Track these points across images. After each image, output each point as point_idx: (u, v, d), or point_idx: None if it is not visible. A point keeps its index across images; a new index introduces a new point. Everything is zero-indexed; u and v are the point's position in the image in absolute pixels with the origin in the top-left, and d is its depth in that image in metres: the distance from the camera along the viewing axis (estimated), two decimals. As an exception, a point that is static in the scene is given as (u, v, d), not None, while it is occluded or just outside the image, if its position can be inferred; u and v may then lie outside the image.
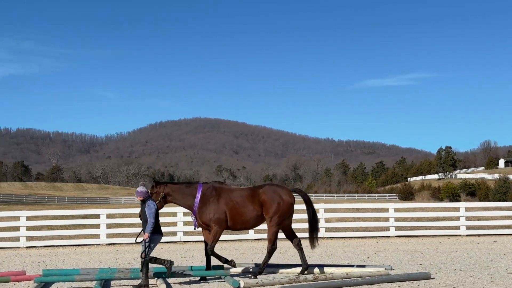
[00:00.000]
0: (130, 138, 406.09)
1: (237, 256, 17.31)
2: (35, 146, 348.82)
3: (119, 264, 15.85)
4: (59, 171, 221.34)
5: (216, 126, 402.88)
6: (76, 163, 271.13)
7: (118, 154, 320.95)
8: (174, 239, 22.92)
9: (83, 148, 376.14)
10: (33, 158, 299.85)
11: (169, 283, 11.79)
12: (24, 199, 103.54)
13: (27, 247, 21.98)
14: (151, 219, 11.28)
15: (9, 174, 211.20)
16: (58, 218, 25.88)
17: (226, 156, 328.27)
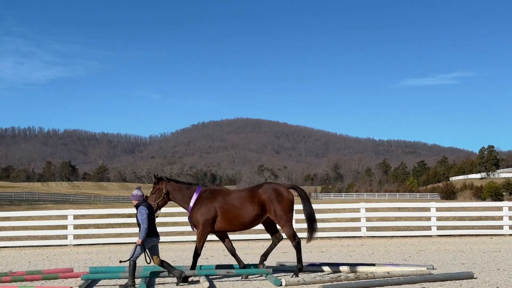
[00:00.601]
0: (173, 138, 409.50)
1: (279, 255, 17.29)
2: (81, 146, 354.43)
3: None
4: (104, 171, 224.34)
5: (258, 126, 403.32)
6: (121, 163, 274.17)
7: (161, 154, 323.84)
8: (216, 238, 22.98)
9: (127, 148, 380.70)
10: (80, 158, 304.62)
11: (212, 281, 11.83)
12: (72, 198, 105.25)
13: (75, 245, 22.31)
14: (144, 224, 11.19)
15: (57, 174, 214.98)
16: (104, 217, 26.21)
17: (268, 156, 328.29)
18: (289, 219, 12.38)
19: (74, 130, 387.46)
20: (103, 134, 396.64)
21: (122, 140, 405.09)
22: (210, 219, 12.12)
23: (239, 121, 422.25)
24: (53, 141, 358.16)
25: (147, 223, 11.20)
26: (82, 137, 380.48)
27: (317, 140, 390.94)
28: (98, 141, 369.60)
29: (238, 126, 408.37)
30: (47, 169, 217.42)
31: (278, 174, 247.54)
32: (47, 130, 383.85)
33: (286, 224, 12.29)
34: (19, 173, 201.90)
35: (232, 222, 12.23)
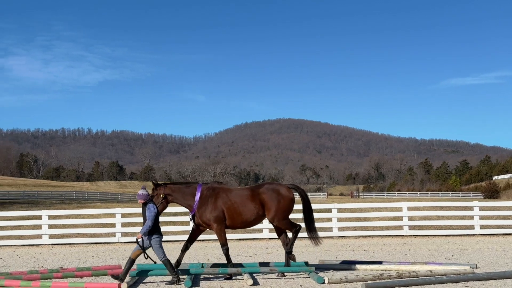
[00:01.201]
0: (217, 138, 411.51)
1: (321, 253, 17.22)
2: (128, 147, 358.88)
3: (208, 259, 16.06)
4: (151, 170, 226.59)
5: (300, 127, 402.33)
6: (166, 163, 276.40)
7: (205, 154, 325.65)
8: (260, 236, 23.03)
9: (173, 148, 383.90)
10: (127, 158, 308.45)
11: (255, 279, 11.86)
12: (119, 197, 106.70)
13: (122, 242, 22.60)
14: (149, 222, 11.37)
15: (105, 174, 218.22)
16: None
17: (310, 155, 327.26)
18: (284, 217, 12.34)
19: (122, 131, 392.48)
20: (149, 135, 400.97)
21: (168, 140, 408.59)
22: (221, 214, 12.15)
23: (281, 121, 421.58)
24: (101, 141, 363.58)
25: (152, 221, 11.40)
26: (129, 137, 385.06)
27: (359, 139, 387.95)
28: (144, 141, 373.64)
29: (281, 126, 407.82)
30: (96, 169, 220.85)
31: (320, 173, 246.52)
32: (95, 131, 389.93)
33: (280, 222, 12.33)
34: (69, 173, 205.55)
35: (235, 219, 12.24)
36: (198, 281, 11.80)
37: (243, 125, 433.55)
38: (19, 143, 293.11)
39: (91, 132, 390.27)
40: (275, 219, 12.25)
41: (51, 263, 16.20)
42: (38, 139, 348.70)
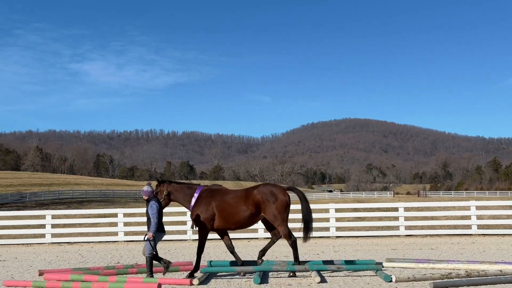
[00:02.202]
0: (284, 138, 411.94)
1: (388, 251, 16.97)
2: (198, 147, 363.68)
3: (276, 257, 16.07)
4: (220, 170, 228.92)
5: (366, 126, 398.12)
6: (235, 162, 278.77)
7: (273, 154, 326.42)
8: (327, 234, 22.89)
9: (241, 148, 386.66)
10: (197, 158, 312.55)
11: (323, 276, 11.79)
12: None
13: (194, 239, 22.85)
14: (154, 219, 11.36)
15: (176, 173, 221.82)
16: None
17: (376, 154, 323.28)
18: (284, 219, 12.18)
19: (192, 132, 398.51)
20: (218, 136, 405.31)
21: (236, 141, 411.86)
22: (208, 217, 12.14)
23: (347, 121, 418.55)
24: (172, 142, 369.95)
25: (157, 217, 11.42)
26: (199, 138, 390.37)
27: (425, 138, 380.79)
28: (213, 142, 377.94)
29: (346, 126, 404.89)
30: (168, 168, 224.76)
31: (386, 172, 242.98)
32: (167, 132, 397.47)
33: (281, 223, 12.12)
34: (142, 172, 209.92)
35: (228, 220, 12.20)
36: (267, 278, 11.83)
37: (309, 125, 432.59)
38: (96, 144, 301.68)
39: (163, 133, 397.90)
40: (276, 222, 12.13)
41: (126, 259, 16.57)
42: (113, 140, 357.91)
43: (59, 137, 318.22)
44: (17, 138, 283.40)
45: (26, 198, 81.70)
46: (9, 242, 23.01)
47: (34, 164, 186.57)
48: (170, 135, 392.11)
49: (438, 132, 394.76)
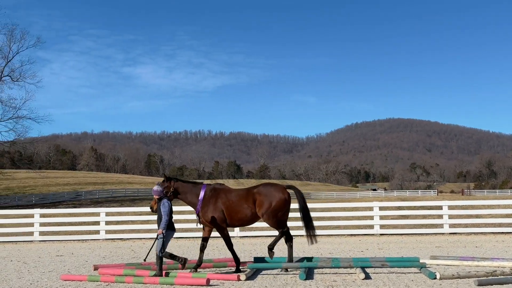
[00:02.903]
0: (328, 138, 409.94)
1: (432, 249, 16.70)
2: (245, 147, 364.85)
3: (321, 254, 15.99)
4: (266, 169, 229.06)
5: (409, 126, 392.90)
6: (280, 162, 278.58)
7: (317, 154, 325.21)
8: (371, 232, 22.66)
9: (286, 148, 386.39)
10: (243, 158, 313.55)
11: (367, 273, 11.68)
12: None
13: (240, 236, 22.93)
14: (165, 216, 11.38)
15: (224, 172, 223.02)
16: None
17: (419, 154, 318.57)
18: (273, 215, 12.14)
19: (239, 132, 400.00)
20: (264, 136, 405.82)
21: (281, 140, 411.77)
22: (222, 214, 12.23)
23: (391, 121, 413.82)
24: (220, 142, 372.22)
25: (168, 215, 11.45)
26: (246, 138, 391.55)
27: (469, 137, 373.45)
28: (259, 142, 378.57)
29: (390, 126, 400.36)
30: (215, 168, 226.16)
31: (430, 171, 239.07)
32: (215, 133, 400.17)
33: (269, 220, 12.16)
34: (191, 172, 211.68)
35: (232, 217, 12.28)
36: (312, 274, 11.78)
37: (353, 125, 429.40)
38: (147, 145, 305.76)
39: (211, 133, 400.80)
40: (265, 215, 12.13)
41: (214, 255, 16.72)
42: (163, 141, 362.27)
43: (112, 138, 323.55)
44: (73, 139, 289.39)
45: (82, 196, 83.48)
46: (66, 238, 23.51)
47: (89, 164, 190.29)
48: (218, 135, 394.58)
49: (482, 131, 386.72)
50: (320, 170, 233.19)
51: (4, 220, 25.10)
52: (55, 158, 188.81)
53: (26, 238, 23.63)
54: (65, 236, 24.00)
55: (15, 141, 65.56)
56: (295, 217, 14.17)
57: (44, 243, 22.84)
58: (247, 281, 11.05)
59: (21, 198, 77.68)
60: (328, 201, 56.60)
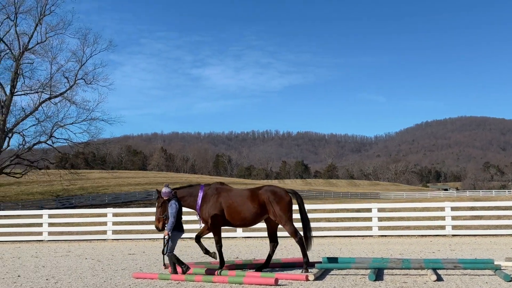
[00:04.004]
0: (398, 137, 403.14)
1: (507, 251, 16.15)
2: (312, 147, 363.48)
3: (391, 254, 15.74)
4: (334, 169, 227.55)
5: (482, 124, 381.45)
6: (348, 161, 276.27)
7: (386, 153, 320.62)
8: (443, 233, 22.15)
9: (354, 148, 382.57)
10: (311, 157, 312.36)
11: (439, 274, 11.41)
12: (305, 194, 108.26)
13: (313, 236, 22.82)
14: (172, 218, 11.41)
15: (291, 172, 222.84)
16: (334, 211, 26.49)
17: (493, 153, 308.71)
18: (289, 218, 12.31)
19: (306, 132, 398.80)
20: (332, 135, 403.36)
21: (349, 140, 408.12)
22: (219, 213, 12.15)
23: (462, 119, 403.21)
24: (287, 142, 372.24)
25: (175, 217, 11.48)
26: (313, 138, 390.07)
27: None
28: (327, 141, 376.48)
29: (462, 124, 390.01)
30: (283, 167, 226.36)
31: (505, 170, 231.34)
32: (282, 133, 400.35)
33: (286, 222, 12.25)
34: (259, 172, 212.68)
35: (234, 217, 12.21)
36: (382, 275, 11.60)
37: (423, 123, 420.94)
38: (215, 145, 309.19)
39: (278, 133, 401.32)
40: (281, 221, 12.25)
41: (244, 255, 16.85)
42: (231, 141, 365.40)
43: (182, 138, 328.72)
44: (143, 140, 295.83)
45: (152, 196, 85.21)
46: (138, 237, 24.06)
47: (159, 164, 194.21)
48: (285, 135, 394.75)
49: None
50: (389, 170, 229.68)
51: (79, 219, 25.96)
52: (126, 158, 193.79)
53: (100, 236, 24.34)
54: (136, 234, 24.57)
55: (89, 142, 67.63)
56: (324, 217, 14.00)
57: (116, 241, 23.47)
58: (316, 281, 10.99)
59: (94, 197, 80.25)
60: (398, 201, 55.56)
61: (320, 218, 25.68)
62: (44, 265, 15.19)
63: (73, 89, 65.85)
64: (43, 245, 22.84)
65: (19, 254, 18.78)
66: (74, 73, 65.59)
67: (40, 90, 64.79)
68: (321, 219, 25.90)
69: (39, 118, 64.71)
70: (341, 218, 26.40)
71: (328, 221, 25.91)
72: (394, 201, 69.00)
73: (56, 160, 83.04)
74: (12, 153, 65.83)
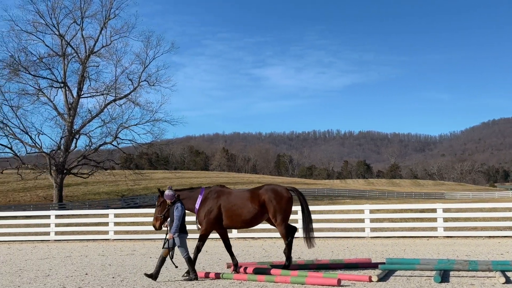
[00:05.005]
0: (463, 136, 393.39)
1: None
2: (375, 146, 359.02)
3: (457, 256, 15.38)
4: (397, 168, 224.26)
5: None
6: (412, 161, 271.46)
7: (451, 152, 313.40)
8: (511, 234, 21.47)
9: (418, 147, 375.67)
10: (373, 157, 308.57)
11: (508, 277, 11.06)
12: (367, 194, 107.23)
13: (372, 237, 22.61)
14: (177, 221, 11.33)
15: (353, 172, 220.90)
16: (398, 212, 26.11)
17: None
18: (284, 219, 12.22)
19: (368, 131, 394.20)
20: (395, 134, 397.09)
21: (413, 139, 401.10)
22: (215, 217, 12.10)
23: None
24: (349, 142, 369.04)
25: (180, 220, 11.43)
26: (375, 137, 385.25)
27: None
28: (390, 141, 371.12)
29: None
30: (345, 167, 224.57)
31: None
32: (343, 132, 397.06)
33: (280, 223, 12.20)
34: (320, 172, 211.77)
35: (234, 219, 12.15)
36: (448, 277, 11.34)
37: (490, 122, 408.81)
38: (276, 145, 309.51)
39: (340, 133, 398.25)
40: (277, 219, 12.14)
41: (306, 255, 16.81)
42: (292, 141, 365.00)
43: (243, 138, 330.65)
44: (205, 140, 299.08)
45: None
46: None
47: (221, 164, 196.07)
48: (347, 134, 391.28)
49: None
50: (455, 169, 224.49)
51: (144, 218, 26.43)
52: (189, 159, 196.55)
53: (163, 236, 24.72)
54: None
55: (152, 143, 69.07)
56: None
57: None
58: (379, 282, 10.85)
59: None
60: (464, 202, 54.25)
61: (383, 218, 25.34)
62: (110, 263, 15.58)
63: (137, 91, 67.49)
64: (109, 244, 23.42)
65: (87, 253, 19.33)
66: (138, 75, 67.14)
67: (105, 92, 66.71)
68: (384, 220, 25.56)
69: (104, 120, 66.66)
70: (405, 219, 25.99)
71: (392, 221, 25.54)
72: (460, 201, 67.47)
73: (121, 160, 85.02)
74: (79, 154, 67.93)
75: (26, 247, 23.00)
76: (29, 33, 63.38)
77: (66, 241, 25.20)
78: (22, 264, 15.97)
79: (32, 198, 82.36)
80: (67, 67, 65.48)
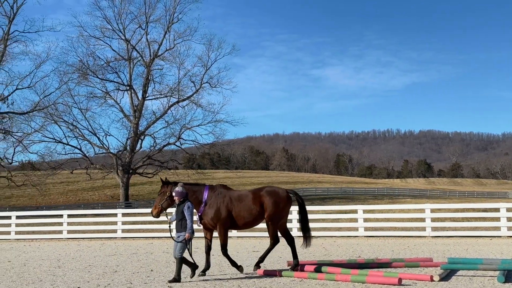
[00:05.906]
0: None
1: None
2: (435, 145, 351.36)
3: (521, 256, 14.90)
4: (458, 167, 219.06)
5: None
6: (474, 160, 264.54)
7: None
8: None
9: (480, 146, 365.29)
10: (434, 156, 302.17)
11: None
12: (428, 193, 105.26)
13: (433, 236, 22.16)
14: (190, 219, 11.18)
15: (414, 171, 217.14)
16: (459, 211, 25.51)
17: None
18: (277, 220, 12.29)
19: (428, 130, 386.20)
20: (456, 133, 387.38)
21: (475, 138, 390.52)
22: (226, 216, 11.99)
23: None
24: (409, 141, 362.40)
25: (192, 219, 11.26)
26: (436, 136, 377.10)
27: None
28: (451, 139, 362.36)
29: None
30: (405, 166, 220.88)
31: None
32: (403, 131, 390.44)
33: (273, 225, 12.27)
34: (380, 171, 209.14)
35: (237, 220, 12.16)
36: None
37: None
38: (336, 145, 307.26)
39: (400, 132, 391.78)
40: (272, 219, 12.11)
41: (367, 254, 16.63)
42: (352, 140, 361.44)
43: (303, 138, 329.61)
44: (265, 140, 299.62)
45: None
46: (260, 235, 24.36)
47: (281, 164, 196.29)
48: (407, 134, 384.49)
49: None
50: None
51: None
52: (249, 158, 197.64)
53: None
54: (259, 232, 24.92)
55: (214, 143, 69.76)
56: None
57: (241, 239, 23.97)
58: (441, 282, 10.62)
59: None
60: None
61: (445, 217, 24.81)
62: (174, 260, 15.80)
63: (199, 93, 68.30)
64: (173, 241, 23.73)
65: (152, 250, 19.71)
66: (200, 77, 67.93)
67: (169, 94, 67.83)
68: (446, 219, 25.03)
69: (168, 121, 67.79)
70: (467, 218, 25.37)
71: (454, 220, 24.99)
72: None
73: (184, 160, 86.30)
74: (144, 154, 69.27)
75: (94, 244, 23.67)
76: (97, 38, 65.08)
77: (132, 239, 25.79)
78: (91, 261, 16.44)
79: (100, 197, 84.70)
80: (132, 71, 66.90)
